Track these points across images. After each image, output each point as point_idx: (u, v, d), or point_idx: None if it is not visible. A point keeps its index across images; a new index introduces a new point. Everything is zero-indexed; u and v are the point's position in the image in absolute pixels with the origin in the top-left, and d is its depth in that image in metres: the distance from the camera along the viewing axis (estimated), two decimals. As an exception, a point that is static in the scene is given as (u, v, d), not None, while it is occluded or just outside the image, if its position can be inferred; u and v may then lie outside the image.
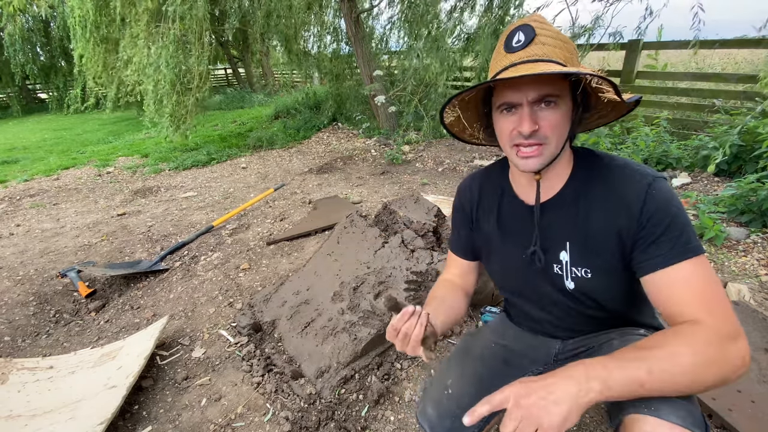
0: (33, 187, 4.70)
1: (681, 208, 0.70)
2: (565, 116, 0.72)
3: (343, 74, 7.04)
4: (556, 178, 0.81)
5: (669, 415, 0.63)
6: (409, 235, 1.88)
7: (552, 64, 0.69)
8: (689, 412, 0.64)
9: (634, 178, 0.73)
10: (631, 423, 0.66)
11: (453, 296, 0.97)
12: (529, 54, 0.71)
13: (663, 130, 3.78)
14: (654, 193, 0.71)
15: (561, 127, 0.72)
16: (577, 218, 0.79)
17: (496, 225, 0.91)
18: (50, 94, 12.76)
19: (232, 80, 15.93)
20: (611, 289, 0.81)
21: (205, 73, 4.90)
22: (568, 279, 0.82)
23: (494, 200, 0.92)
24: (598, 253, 0.78)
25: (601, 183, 0.77)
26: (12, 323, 2.10)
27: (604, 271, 0.79)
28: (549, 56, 0.70)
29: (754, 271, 2.05)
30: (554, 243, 0.82)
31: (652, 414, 0.64)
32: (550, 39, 0.71)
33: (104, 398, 1.42)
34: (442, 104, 0.81)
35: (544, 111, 0.71)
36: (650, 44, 4.25)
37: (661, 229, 0.69)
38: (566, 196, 0.80)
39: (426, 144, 5.28)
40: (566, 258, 0.81)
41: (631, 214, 0.72)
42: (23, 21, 10.63)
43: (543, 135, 0.71)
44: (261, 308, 1.97)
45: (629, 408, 0.66)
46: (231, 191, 4.17)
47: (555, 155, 0.75)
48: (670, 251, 0.69)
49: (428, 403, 0.97)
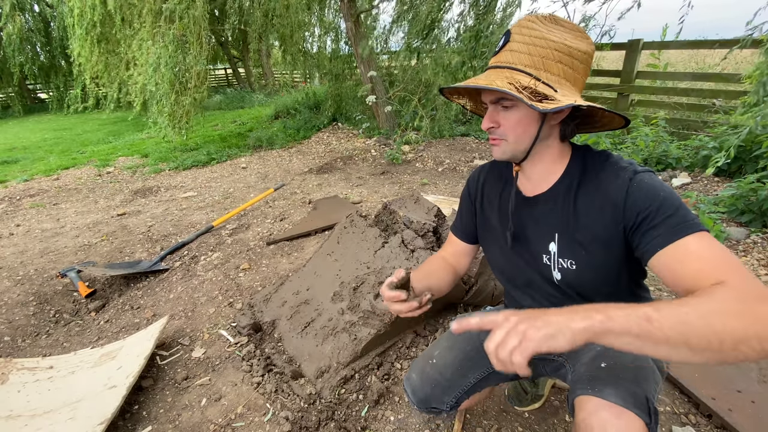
0: (33, 187, 4.70)
1: (670, 194, 0.70)
2: (524, 118, 0.77)
3: (342, 74, 7.04)
4: (547, 173, 0.85)
5: (611, 395, 0.67)
6: (409, 235, 1.88)
7: (512, 72, 0.75)
8: (632, 393, 0.68)
9: (618, 174, 0.76)
10: (578, 404, 0.71)
11: (439, 266, 1.04)
12: (497, 60, 0.78)
13: (662, 130, 3.78)
14: (636, 185, 0.72)
15: (520, 126, 0.78)
16: (567, 212, 0.82)
17: (497, 213, 0.96)
18: (50, 94, 12.75)
19: (232, 80, 15.92)
20: (596, 283, 0.83)
21: (203, 73, 4.89)
22: (555, 270, 0.86)
23: (497, 190, 0.97)
24: (584, 247, 0.80)
25: (592, 180, 0.80)
26: (12, 323, 2.10)
27: (589, 265, 0.81)
28: (512, 63, 0.76)
29: (754, 271, 2.05)
30: (544, 234, 0.86)
31: (596, 395, 0.68)
32: (521, 45, 0.75)
33: (104, 398, 1.42)
34: (440, 93, 0.93)
35: (502, 112, 0.79)
36: (650, 44, 4.25)
37: (652, 213, 0.69)
38: (559, 191, 0.84)
39: (426, 144, 5.28)
40: (554, 249, 0.85)
41: (616, 211, 0.74)
42: (23, 21, 10.62)
43: (501, 132, 0.80)
44: (261, 308, 1.97)
45: (577, 390, 0.72)
46: (231, 191, 4.16)
47: (519, 150, 0.81)
48: (667, 230, 0.67)
49: (414, 370, 1.08)
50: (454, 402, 1.04)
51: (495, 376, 1.05)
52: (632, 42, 4.24)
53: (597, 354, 0.82)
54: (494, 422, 1.33)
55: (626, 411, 0.66)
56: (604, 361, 0.78)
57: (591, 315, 0.55)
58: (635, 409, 0.66)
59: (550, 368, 1.02)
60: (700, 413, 1.32)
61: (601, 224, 0.77)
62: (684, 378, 1.39)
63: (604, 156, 0.81)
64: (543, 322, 0.56)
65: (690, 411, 1.33)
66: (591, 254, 0.80)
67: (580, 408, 0.70)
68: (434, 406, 1.05)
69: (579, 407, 0.71)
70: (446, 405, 1.04)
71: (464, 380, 1.02)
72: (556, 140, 0.83)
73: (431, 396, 1.03)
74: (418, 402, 1.05)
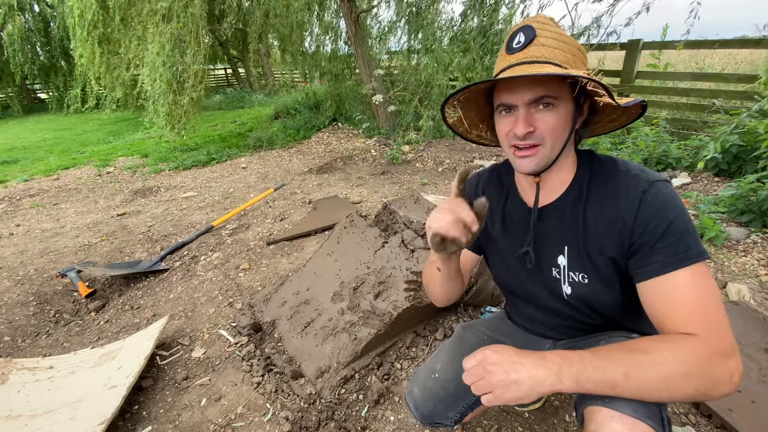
0: (33, 187, 4.70)
1: (681, 213, 0.68)
2: (563, 119, 0.71)
3: (342, 74, 7.03)
4: (558, 183, 0.80)
5: (622, 406, 0.65)
6: (409, 235, 1.88)
7: (549, 66, 0.68)
8: (643, 404, 0.66)
9: (630, 185, 0.72)
10: (587, 416, 0.70)
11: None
12: (527, 55, 0.70)
13: (662, 130, 3.78)
14: (649, 200, 0.69)
15: (559, 129, 0.71)
16: (576, 224, 0.78)
17: (501, 225, 0.91)
18: (50, 94, 12.76)
19: (232, 80, 15.92)
20: (607, 296, 0.80)
21: (201, 73, 4.86)
22: (565, 284, 0.82)
23: (499, 200, 0.92)
24: (595, 260, 0.77)
25: (601, 190, 0.76)
26: (12, 323, 2.10)
27: (600, 279, 0.78)
28: (547, 58, 0.69)
29: (754, 271, 2.05)
30: (553, 247, 0.82)
31: (606, 405, 0.67)
32: (550, 40, 0.70)
33: (104, 398, 1.42)
34: (441, 104, 0.81)
35: (541, 113, 0.70)
36: (650, 44, 4.25)
37: (657, 236, 0.68)
38: (567, 202, 0.80)
39: (426, 144, 5.28)
40: (564, 262, 0.81)
41: (626, 223, 0.71)
42: (23, 21, 10.62)
43: (539, 136, 0.71)
44: (261, 308, 1.97)
45: (588, 401, 0.69)
46: (231, 191, 4.16)
47: (552, 158, 0.74)
48: (666, 258, 0.67)
49: (415, 385, 1.04)
50: (459, 417, 1.00)
51: None
52: (632, 42, 4.24)
53: None
54: (494, 422, 1.33)
55: (639, 422, 0.64)
56: None
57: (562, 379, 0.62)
58: (648, 420, 0.64)
59: None
60: (700, 413, 1.32)
61: (609, 237, 0.74)
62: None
63: (611, 162, 0.77)
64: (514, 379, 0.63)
65: (690, 411, 1.33)
66: (601, 268, 0.77)
67: (590, 419, 0.68)
68: (438, 421, 1.01)
69: (589, 418, 0.68)
70: (450, 420, 1.00)
71: (468, 394, 0.97)
72: (572, 146, 0.79)
73: (435, 412, 0.99)
74: (422, 417, 1.02)
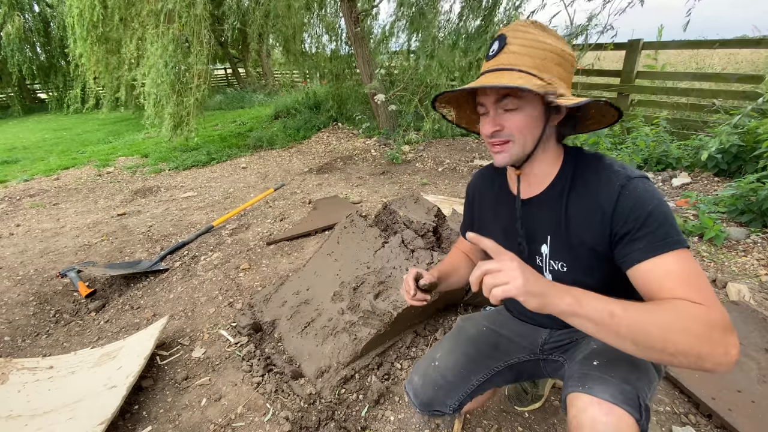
0: (33, 187, 4.70)
1: (660, 205, 0.71)
2: (530, 117, 0.77)
3: (343, 74, 7.03)
4: (543, 176, 0.86)
5: (601, 392, 0.69)
6: (409, 235, 1.88)
7: (511, 74, 0.74)
8: (622, 390, 0.69)
9: (610, 179, 0.76)
10: (569, 401, 0.74)
11: (461, 260, 1.10)
12: (497, 63, 0.77)
13: (663, 130, 3.78)
14: (627, 194, 0.73)
15: (526, 127, 0.78)
16: (559, 215, 0.83)
17: (493, 216, 0.99)
18: (50, 94, 12.77)
19: (232, 80, 15.92)
20: (586, 285, 0.83)
21: (204, 73, 4.86)
22: (547, 271, 0.88)
23: (492, 195, 1.00)
24: (574, 250, 0.82)
25: (584, 184, 0.80)
26: (12, 323, 2.10)
27: (579, 268, 0.83)
28: (514, 65, 0.75)
29: (754, 271, 2.05)
30: (537, 236, 0.88)
31: (586, 392, 0.70)
32: (520, 47, 0.75)
33: (104, 398, 1.42)
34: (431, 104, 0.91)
35: (507, 114, 0.78)
36: (650, 44, 4.25)
37: (637, 225, 0.71)
38: (551, 194, 0.85)
39: (426, 144, 5.28)
40: (546, 251, 0.87)
41: (605, 214, 0.75)
42: (22, 20, 10.62)
43: (508, 133, 0.79)
44: (261, 308, 1.97)
45: (569, 387, 0.74)
46: (231, 191, 4.16)
47: (526, 152, 0.81)
48: (648, 245, 0.69)
49: (416, 373, 1.09)
50: (457, 405, 1.04)
51: (498, 378, 1.05)
52: (632, 42, 4.24)
53: (591, 352, 0.83)
54: (494, 422, 1.33)
55: (616, 407, 0.67)
56: (597, 359, 0.79)
57: (565, 298, 0.63)
58: (625, 406, 0.67)
59: (551, 368, 1.02)
60: (700, 413, 1.32)
61: (590, 229, 0.78)
62: (684, 378, 1.39)
63: (596, 159, 0.82)
64: (532, 283, 0.62)
65: (690, 411, 1.33)
66: (581, 257, 0.82)
67: (571, 405, 0.72)
68: (437, 408, 1.04)
69: (570, 404, 0.73)
70: (449, 408, 1.03)
71: (467, 382, 1.02)
72: (553, 142, 0.84)
73: (434, 399, 1.03)
74: (421, 405, 1.05)
